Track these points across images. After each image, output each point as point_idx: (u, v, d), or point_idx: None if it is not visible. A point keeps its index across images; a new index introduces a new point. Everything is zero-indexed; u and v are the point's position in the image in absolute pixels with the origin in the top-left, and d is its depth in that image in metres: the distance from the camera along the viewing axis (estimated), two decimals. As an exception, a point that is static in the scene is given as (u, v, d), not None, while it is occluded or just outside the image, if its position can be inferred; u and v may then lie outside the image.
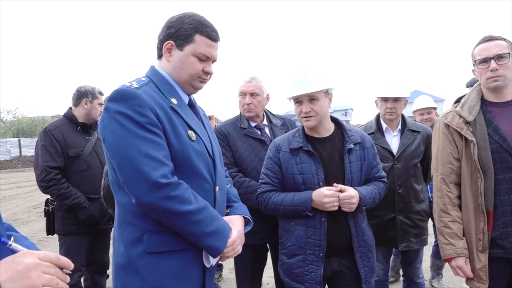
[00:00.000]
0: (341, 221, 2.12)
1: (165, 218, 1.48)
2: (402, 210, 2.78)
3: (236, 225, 1.69)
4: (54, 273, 0.80)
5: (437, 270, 4.07)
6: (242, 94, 2.75)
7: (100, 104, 3.26)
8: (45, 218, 3.18)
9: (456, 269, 2.06)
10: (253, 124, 2.78)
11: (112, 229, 3.29)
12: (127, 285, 1.54)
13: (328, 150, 2.17)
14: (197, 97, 1.84)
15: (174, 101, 1.61)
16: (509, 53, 1.95)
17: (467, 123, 2.04)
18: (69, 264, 0.89)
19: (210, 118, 4.15)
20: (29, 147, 25.75)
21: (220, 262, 2.86)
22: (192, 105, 1.74)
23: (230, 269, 4.75)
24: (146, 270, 1.51)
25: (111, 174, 1.58)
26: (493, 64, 1.97)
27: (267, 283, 4.26)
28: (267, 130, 2.81)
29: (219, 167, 1.72)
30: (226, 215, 1.77)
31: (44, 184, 3.00)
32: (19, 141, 26.49)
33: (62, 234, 3.13)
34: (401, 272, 3.31)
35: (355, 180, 2.15)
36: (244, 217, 1.81)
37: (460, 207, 2.09)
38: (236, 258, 1.70)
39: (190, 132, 1.59)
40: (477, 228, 2.00)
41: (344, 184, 2.09)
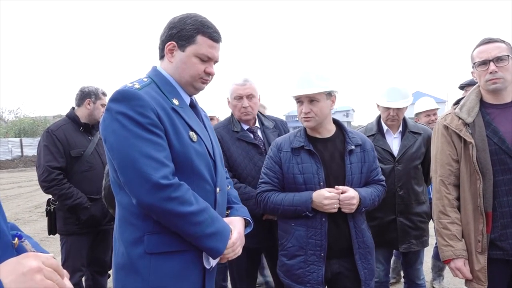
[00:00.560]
0: (340, 222, 2.11)
1: (166, 219, 1.48)
2: (403, 212, 2.78)
3: (236, 227, 1.69)
4: (55, 279, 0.80)
5: (438, 271, 4.07)
6: (238, 98, 2.67)
7: (103, 105, 3.24)
8: (46, 218, 3.19)
9: (455, 270, 2.06)
10: (246, 127, 2.72)
11: (113, 229, 3.33)
12: (127, 286, 1.54)
13: (329, 151, 2.17)
14: (199, 98, 1.83)
15: (175, 101, 1.60)
16: (508, 56, 1.95)
17: (466, 124, 2.03)
18: (65, 274, 0.89)
19: (211, 118, 4.13)
20: (30, 147, 25.81)
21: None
22: (193, 105, 1.74)
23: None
24: (147, 270, 1.50)
25: (112, 174, 1.58)
26: (492, 66, 1.96)
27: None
28: (259, 133, 2.76)
29: (219, 168, 1.71)
30: (227, 216, 1.77)
31: (46, 184, 3.02)
32: (20, 141, 26.56)
33: (64, 234, 3.14)
34: (402, 274, 3.31)
35: (355, 181, 2.14)
36: (244, 218, 1.81)
37: (459, 208, 2.09)
38: (230, 260, 1.69)
39: (191, 133, 1.59)
40: (476, 230, 1.99)
41: (344, 185, 2.09)
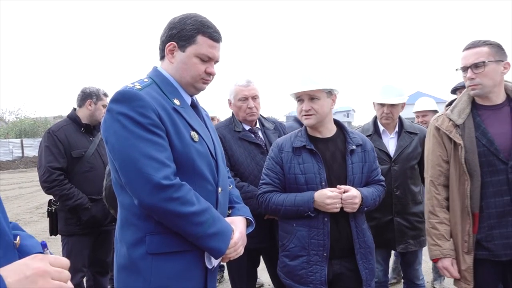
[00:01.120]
0: (342, 222, 2.12)
1: (167, 219, 1.48)
2: (400, 212, 2.79)
3: (238, 227, 1.69)
4: (64, 279, 0.81)
5: (439, 272, 4.05)
6: (243, 99, 2.69)
7: (104, 106, 3.25)
8: (47, 219, 3.20)
9: (442, 269, 2.09)
10: (247, 128, 2.75)
11: (115, 230, 3.33)
12: (129, 286, 1.55)
13: (330, 151, 2.17)
14: (199, 98, 1.83)
15: (176, 102, 1.60)
16: (484, 62, 1.94)
17: (456, 126, 2.04)
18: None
19: (212, 119, 4.14)
20: (31, 148, 25.84)
21: (221, 263, 2.86)
22: (194, 106, 1.74)
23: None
24: (148, 271, 1.51)
25: (114, 175, 1.58)
26: (469, 73, 1.98)
27: (269, 284, 4.26)
28: (260, 134, 2.79)
29: (221, 168, 1.71)
30: (228, 216, 1.77)
31: (47, 185, 3.02)
32: (21, 141, 26.59)
33: (65, 235, 3.15)
34: (402, 274, 3.31)
35: (356, 181, 2.14)
36: (246, 218, 1.80)
37: (449, 209, 2.11)
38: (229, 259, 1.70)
39: (193, 133, 1.59)
40: (463, 230, 2.02)
41: (346, 185, 2.09)
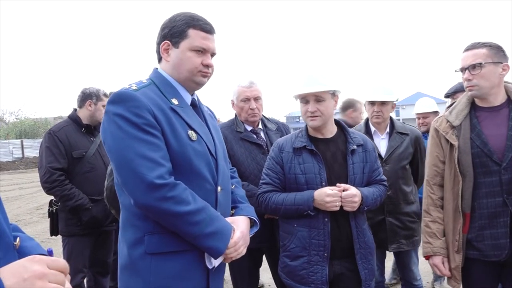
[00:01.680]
0: (342, 223, 2.12)
1: (163, 219, 1.49)
2: (392, 212, 2.80)
3: (239, 226, 1.68)
4: (61, 282, 0.80)
5: (439, 272, 4.05)
6: (245, 100, 2.71)
7: (105, 106, 3.25)
8: (48, 219, 3.21)
9: (433, 266, 2.15)
10: (249, 129, 2.77)
11: (115, 230, 3.32)
12: (130, 286, 1.55)
13: (331, 151, 2.18)
14: (201, 99, 1.84)
15: (175, 101, 1.61)
16: (481, 63, 1.95)
17: (453, 127, 2.07)
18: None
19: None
20: (31, 149, 25.85)
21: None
22: (195, 105, 1.74)
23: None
24: (147, 271, 1.51)
25: (116, 176, 1.58)
26: (466, 74, 2.00)
27: (269, 285, 4.25)
28: (262, 135, 2.81)
29: (222, 167, 1.70)
30: (232, 216, 1.76)
31: (48, 185, 3.03)
32: (21, 142, 26.58)
33: (65, 235, 3.15)
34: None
35: (357, 181, 2.15)
36: (250, 218, 1.79)
37: (443, 208, 2.15)
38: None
39: (190, 132, 1.59)
40: (454, 229, 2.06)
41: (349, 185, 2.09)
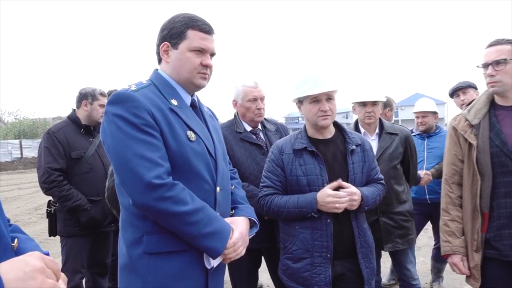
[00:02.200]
0: (344, 223, 2.12)
1: (161, 219, 1.49)
2: (385, 212, 2.82)
3: (238, 227, 1.68)
4: (56, 280, 0.81)
5: (437, 272, 4.07)
6: (253, 100, 2.72)
7: (102, 106, 3.23)
8: (46, 220, 3.20)
9: (452, 265, 2.15)
10: (249, 129, 2.77)
11: (114, 231, 3.32)
12: (129, 285, 1.56)
13: (331, 151, 2.18)
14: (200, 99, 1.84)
15: (174, 102, 1.62)
16: (506, 59, 1.95)
17: (472, 126, 2.07)
18: (63, 278, 0.91)
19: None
20: (30, 149, 25.84)
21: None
22: (194, 106, 1.75)
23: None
24: (146, 270, 1.51)
25: (115, 176, 1.59)
26: (489, 70, 1.99)
27: (268, 285, 4.26)
28: (261, 135, 2.82)
29: (221, 167, 1.71)
30: (231, 216, 1.76)
31: (46, 186, 3.02)
32: (20, 142, 26.56)
33: (64, 236, 3.14)
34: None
35: (357, 181, 2.16)
36: (250, 219, 1.79)
37: (462, 206, 2.14)
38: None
39: (189, 133, 1.60)
40: (473, 228, 2.06)
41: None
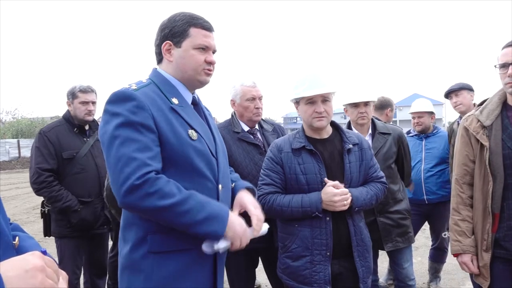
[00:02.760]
0: (339, 221, 2.12)
1: (152, 216, 1.47)
2: (382, 211, 2.83)
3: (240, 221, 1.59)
4: (55, 281, 0.81)
5: (435, 273, 4.07)
6: (251, 99, 2.73)
7: (83, 103, 3.11)
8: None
9: (462, 264, 2.16)
10: (246, 129, 2.78)
11: (108, 233, 3.30)
12: (132, 285, 1.54)
13: (328, 151, 2.19)
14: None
15: (175, 101, 1.61)
16: None
17: (484, 127, 2.06)
18: (64, 276, 0.91)
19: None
20: (28, 148, 25.76)
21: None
22: (195, 104, 1.74)
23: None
24: (150, 269, 1.51)
25: None
26: (510, 70, 1.96)
27: (266, 285, 4.25)
28: (259, 135, 2.83)
29: (222, 165, 1.70)
30: (232, 191, 1.77)
31: (36, 186, 2.99)
32: (18, 142, 26.55)
33: (57, 236, 3.12)
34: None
35: (354, 180, 2.16)
36: (248, 188, 1.82)
37: (472, 206, 2.15)
38: (227, 259, 1.68)
39: (191, 132, 1.59)
40: (483, 229, 2.06)
41: (343, 184, 2.10)
